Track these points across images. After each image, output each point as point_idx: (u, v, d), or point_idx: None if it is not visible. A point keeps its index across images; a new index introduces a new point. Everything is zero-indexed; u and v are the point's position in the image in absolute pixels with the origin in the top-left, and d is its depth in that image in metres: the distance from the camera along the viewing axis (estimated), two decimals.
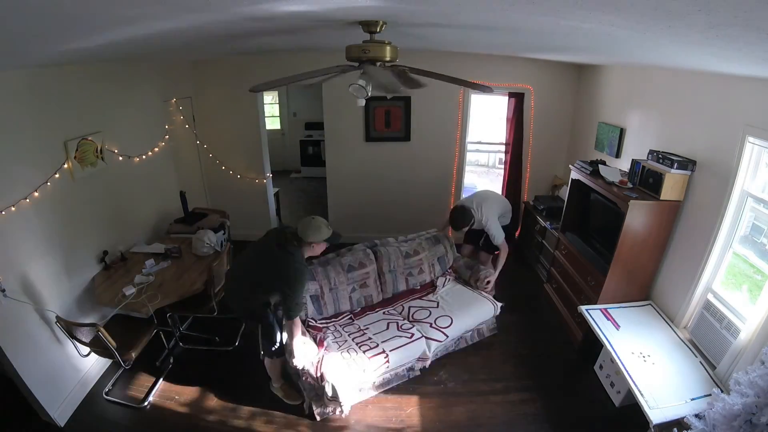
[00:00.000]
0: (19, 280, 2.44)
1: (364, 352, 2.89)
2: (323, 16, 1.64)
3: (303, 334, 2.71)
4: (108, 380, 3.06)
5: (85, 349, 2.73)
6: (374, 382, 3.01)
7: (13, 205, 2.38)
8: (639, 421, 2.35)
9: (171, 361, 3.25)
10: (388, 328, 3.17)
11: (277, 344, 2.72)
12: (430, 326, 3.20)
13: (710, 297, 2.67)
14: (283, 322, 2.61)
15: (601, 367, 3.11)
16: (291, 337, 2.57)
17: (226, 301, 2.82)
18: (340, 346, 2.95)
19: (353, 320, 3.30)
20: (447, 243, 3.85)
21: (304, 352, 2.63)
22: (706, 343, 2.60)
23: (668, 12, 0.98)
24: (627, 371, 2.48)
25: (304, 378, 2.77)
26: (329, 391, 2.70)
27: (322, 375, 2.69)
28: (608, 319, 2.94)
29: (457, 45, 3.35)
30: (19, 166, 2.44)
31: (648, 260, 3.05)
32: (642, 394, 2.31)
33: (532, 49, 3.16)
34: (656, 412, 2.21)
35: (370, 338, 3.04)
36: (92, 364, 3.03)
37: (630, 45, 1.75)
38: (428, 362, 3.16)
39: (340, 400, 2.73)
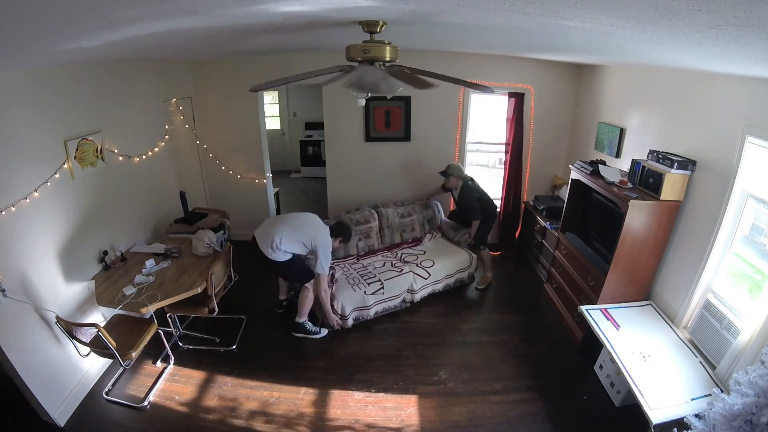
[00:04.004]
0: (19, 280, 2.44)
1: (365, 280, 3.84)
2: (323, 16, 1.64)
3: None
4: (108, 380, 3.06)
5: (85, 349, 2.73)
6: (376, 310, 3.84)
7: (13, 205, 2.38)
8: (639, 421, 2.35)
9: (171, 361, 3.25)
10: (384, 265, 4.12)
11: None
12: (417, 266, 4.12)
13: (710, 297, 2.67)
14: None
15: (601, 367, 3.11)
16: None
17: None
18: (347, 277, 3.89)
19: (359, 260, 4.29)
20: (435, 208, 4.83)
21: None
22: (706, 343, 2.60)
23: (668, 12, 0.98)
24: (627, 371, 2.48)
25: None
26: (338, 308, 3.59)
27: (333, 295, 3.60)
28: (608, 319, 2.94)
29: (457, 45, 3.35)
30: (19, 165, 2.44)
31: (648, 260, 3.05)
32: (642, 394, 2.31)
33: (532, 49, 3.16)
34: (656, 412, 2.21)
35: (370, 272, 3.99)
36: (92, 364, 3.03)
37: (630, 45, 1.75)
38: (416, 295, 3.99)
39: (347, 314, 3.64)
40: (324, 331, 3.64)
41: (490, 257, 4.47)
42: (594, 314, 3.00)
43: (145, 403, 2.88)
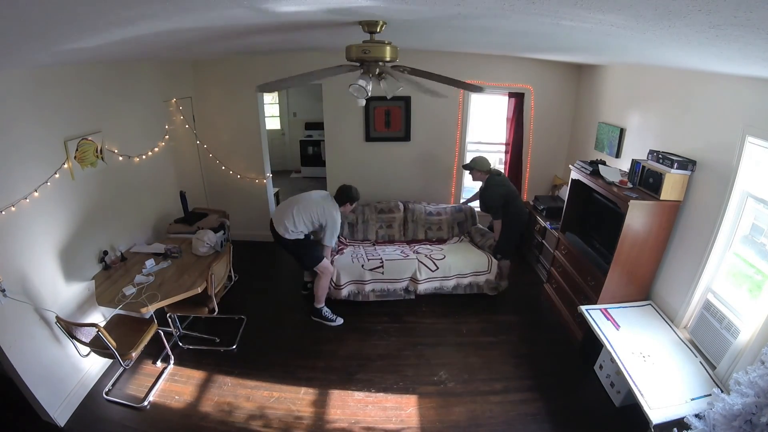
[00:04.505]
0: (19, 280, 2.44)
1: (367, 256, 3.94)
2: (323, 16, 1.64)
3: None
4: (108, 380, 3.06)
5: (85, 349, 2.73)
6: (373, 288, 3.88)
7: (13, 205, 2.38)
8: (639, 421, 2.35)
9: (171, 361, 3.25)
10: (394, 251, 4.12)
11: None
12: (426, 256, 4.03)
13: (710, 297, 2.67)
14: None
15: (601, 367, 3.11)
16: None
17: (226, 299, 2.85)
18: (354, 252, 4.06)
19: (374, 245, 4.36)
20: (468, 212, 4.67)
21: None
22: (706, 343, 2.60)
23: (668, 12, 0.98)
24: (627, 371, 2.48)
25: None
26: (334, 278, 3.75)
27: (333, 261, 3.75)
28: (608, 319, 2.94)
29: (457, 45, 3.35)
30: (19, 166, 2.44)
31: (648, 260, 3.05)
32: (642, 394, 2.31)
33: (532, 49, 3.16)
34: (656, 412, 2.21)
35: (377, 253, 4.04)
36: (92, 364, 3.03)
37: (630, 45, 1.75)
38: (420, 286, 3.93)
39: (342, 284, 3.79)
40: (340, 320, 3.77)
41: (508, 268, 4.13)
42: (594, 314, 3.00)
43: (145, 403, 2.88)
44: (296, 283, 4.40)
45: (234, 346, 3.47)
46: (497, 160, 6.91)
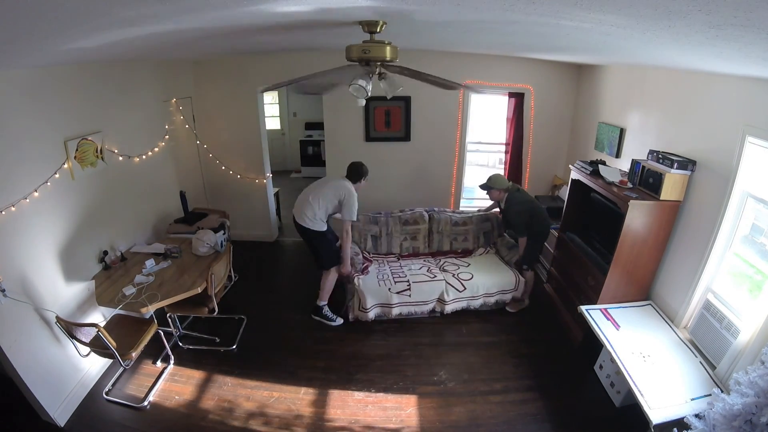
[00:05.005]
0: (19, 280, 2.44)
1: (393, 278, 3.81)
2: (323, 16, 1.64)
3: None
4: (108, 380, 3.06)
5: (85, 349, 2.73)
6: (400, 311, 3.77)
7: (13, 205, 2.38)
8: (639, 421, 2.35)
9: (171, 361, 3.25)
10: (420, 269, 3.99)
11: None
12: (453, 275, 3.90)
13: (710, 297, 2.67)
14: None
15: (601, 367, 3.11)
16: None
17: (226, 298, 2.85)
18: (379, 272, 3.92)
19: (398, 260, 4.24)
20: (495, 222, 4.49)
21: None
22: (706, 343, 2.60)
23: (668, 12, 0.98)
24: (627, 371, 2.48)
25: (348, 284, 3.76)
26: (360, 299, 3.66)
27: (359, 284, 3.64)
28: (608, 319, 2.94)
29: (457, 45, 3.36)
30: (19, 166, 2.44)
31: (648, 260, 3.05)
32: (642, 394, 2.31)
33: (532, 49, 3.16)
34: (656, 412, 2.21)
35: (404, 272, 3.91)
36: (92, 364, 3.03)
37: (630, 45, 1.75)
38: (447, 306, 3.80)
39: (368, 308, 3.67)
40: (340, 320, 3.78)
41: (533, 281, 4.03)
42: (594, 314, 2.99)
43: (145, 403, 2.88)
44: (296, 282, 4.40)
45: (234, 346, 3.47)
46: (497, 160, 6.90)
